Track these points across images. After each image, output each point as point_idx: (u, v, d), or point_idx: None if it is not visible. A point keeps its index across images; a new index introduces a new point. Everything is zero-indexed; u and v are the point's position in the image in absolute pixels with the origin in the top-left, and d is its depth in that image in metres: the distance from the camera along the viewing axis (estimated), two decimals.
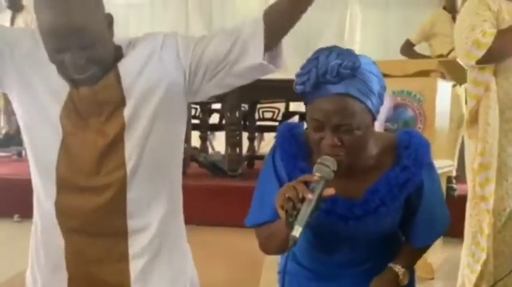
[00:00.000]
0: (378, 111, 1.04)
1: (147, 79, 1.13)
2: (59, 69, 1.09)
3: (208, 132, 4.86)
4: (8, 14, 4.54)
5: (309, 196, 0.92)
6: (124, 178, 1.14)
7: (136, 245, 1.18)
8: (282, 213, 0.95)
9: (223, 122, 4.48)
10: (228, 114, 3.88)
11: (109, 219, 1.16)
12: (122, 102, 1.13)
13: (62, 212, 1.16)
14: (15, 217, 3.56)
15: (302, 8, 1.12)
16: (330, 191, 0.95)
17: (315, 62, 0.98)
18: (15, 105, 1.19)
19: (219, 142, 5.10)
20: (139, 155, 1.14)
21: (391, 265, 1.15)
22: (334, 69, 0.96)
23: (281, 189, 0.99)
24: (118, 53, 1.15)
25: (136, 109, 1.13)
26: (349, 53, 0.99)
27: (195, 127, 4.38)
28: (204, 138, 4.55)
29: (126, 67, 1.14)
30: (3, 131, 4.92)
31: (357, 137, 1.00)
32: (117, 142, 1.13)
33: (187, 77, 1.16)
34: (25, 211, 3.44)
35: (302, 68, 1.01)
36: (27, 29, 1.22)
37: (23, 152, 4.98)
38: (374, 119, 1.04)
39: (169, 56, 1.15)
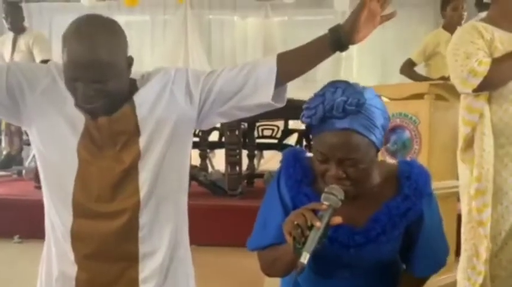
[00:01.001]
0: (381, 144, 1.07)
1: (160, 111, 1.19)
2: (74, 98, 1.15)
3: (208, 150, 4.87)
4: (10, 35, 4.60)
5: (318, 223, 0.95)
6: (137, 204, 1.19)
7: (146, 269, 1.22)
8: (289, 239, 0.98)
9: (223, 140, 4.50)
10: (228, 133, 3.91)
11: (122, 244, 1.20)
12: (137, 133, 1.19)
13: (77, 238, 1.20)
14: (16, 237, 3.55)
15: (316, 63, 1.19)
16: (338, 220, 0.99)
17: (322, 98, 1.03)
18: (33, 138, 1.23)
19: (218, 159, 5.12)
20: (152, 182, 1.19)
21: None
22: (340, 106, 1.00)
23: (289, 216, 1.02)
24: (132, 86, 1.21)
25: (150, 139, 1.19)
26: (354, 89, 1.03)
27: (194, 145, 4.38)
28: (203, 157, 4.57)
29: (141, 99, 1.19)
30: (5, 152, 4.93)
31: (361, 170, 1.03)
32: (132, 169, 1.18)
33: (196, 107, 1.21)
34: (26, 232, 3.47)
35: (309, 102, 1.06)
36: (44, 65, 1.26)
37: (23, 171, 4.99)
38: (378, 151, 1.08)
39: (180, 89, 1.21)
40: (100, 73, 1.09)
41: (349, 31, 1.12)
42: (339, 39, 1.13)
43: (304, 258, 0.94)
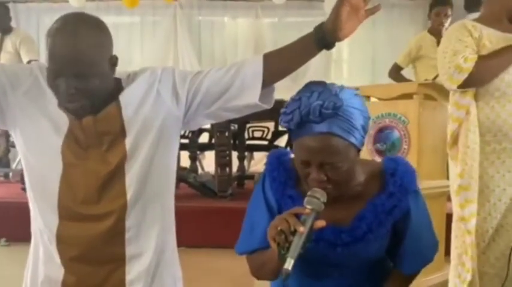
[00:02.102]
0: (362, 144, 1.06)
1: (146, 111, 1.18)
2: (57, 97, 1.13)
3: (198, 152, 4.86)
4: None
5: (301, 229, 0.95)
6: (124, 206, 1.17)
7: (132, 271, 1.21)
8: (274, 245, 0.97)
9: (213, 141, 4.49)
10: (218, 134, 3.90)
11: (108, 246, 1.19)
12: (122, 133, 1.17)
13: (63, 241, 1.19)
14: (2, 240, 3.51)
15: (302, 62, 1.17)
16: (321, 223, 0.98)
17: (298, 103, 1.02)
18: (17, 141, 1.21)
19: (208, 160, 5.10)
20: (138, 184, 1.18)
21: None
22: (317, 110, 0.99)
23: (273, 221, 1.01)
24: (118, 86, 1.19)
25: (136, 140, 1.17)
26: (330, 92, 1.02)
27: (184, 147, 4.38)
28: (193, 158, 4.55)
29: (126, 99, 1.18)
30: None
31: (342, 172, 1.03)
32: (118, 171, 1.17)
33: (182, 108, 1.20)
34: (13, 235, 3.42)
35: (286, 106, 1.05)
36: (26, 65, 1.26)
37: (10, 174, 4.93)
38: (359, 151, 1.07)
39: (166, 89, 1.19)
40: (82, 68, 1.07)
41: (332, 29, 1.10)
42: (323, 37, 1.11)
43: (289, 264, 0.93)
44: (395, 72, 4.01)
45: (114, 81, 1.18)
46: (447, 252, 1.96)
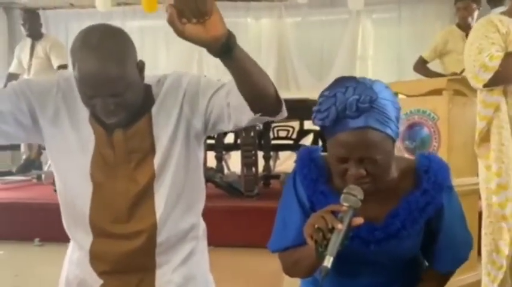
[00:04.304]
0: (397, 135, 1.05)
1: (171, 128, 1.17)
2: (94, 113, 1.12)
3: (224, 152, 4.88)
4: (28, 42, 4.69)
5: (339, 225, 0.94)
6: (154, 225, 1.17)
7: (163, 277, 1.22)
8: (311, 243, 0.97)
9: (238, 141, 4.51)
10: (243, 134, 3.91)
11: (139, 260, 1.20)
12: (152, 151, 1.16)
13: (96, 258, 1.21)
14: (36, 240, 3.61)
15: (250, 85, 1.04)
16: (359, 221, 0.98)
17: (333, 100, 1.00)
18: (51, 158, 1.22)
19: (234, 161, 5.12)
20: (168, 201, 1.18)
21: None
22: (353, 105, 0.98)
23: (309, 219, 1.01)
24: (148, 94, 1.18)
25: (164, 158, 1.17)
26: (364, 86, 1.01)
27: (210, 147, 4.41)
28: (219, 159, 4.58)
29: (157, 114, 1.17)
30: (24, 156, 5.02)
31: (381, 165, 1.02)
32: (147, 191, 1.16)
33: (201, 123, 1.18)
34: (45, 235, 3.51)
35: (320, 104, 1.03)
36: (51, 82, 1.20)
37: (43, 176, 5.07)
38: (394, 142, 1.06)
39: (189, 104, 1.18)
40: (116, 88, 1.06)
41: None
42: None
43: (328, 261, 0.92)
44: (421, 66, 3.95)
45: (144, 88, 1.17)
46: (480, 252, 1.92)
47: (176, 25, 0.88)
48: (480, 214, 1.96)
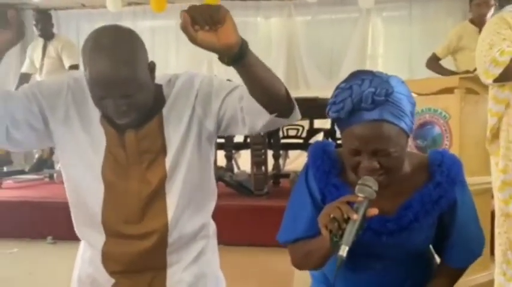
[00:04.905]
0: (411, 130, 1.06)
1: (183, 128, 1.17)
2: (105, 113, 1.12)
3: (233, 151, 4.89)
4: (41, 42, 4.74)
5: (354, 216, 0.95)
6: (166, 225, 1.18)
7: (173, 276, 1.23)
8: (325, 233, 0.97)
9: (248, 140, 4.51)
10: (253, 134, 3.91)
11: (150, 260, 1.21)
12: (163, 152, 1.17)
13: (108, 258, 1.21)
14: (49, 238, 3.65)
15: (262, 90, 1.04)
16: (374, 211, 0.98)
17: (349, 92, 1.01)
18: (62, 160, 1.23)
19: (244, 160, 5.13)
20: (180, 201, 1.18)
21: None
22: (369, 98, 0.99)
23: (324, 209, 1.01)
24: (159, 94, 1.17)
25: (176, 159, 1.17)
26: (381, 79, 1.01)
27: (220, 146, 4.43)
28: (229, 158, 4.59)
29: (168, 115, 1.17)
30: (37, 156, 5.08)
31: (394, 159, 1.02)
32: (159, 191, 1.17)
33: (214, 124, 1.19)
34: (58, 233, 3.55)
35: (335, 96, 1.03)
36: (62, 83, 1.20)
37: (55, 175, 5.12)
38: (408, 137, 1.07)
39: (201, 105, 1.18)
40: (127, 89, 1.06)
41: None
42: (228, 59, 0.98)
43: (343, 251, 0.94)
44: (434, 63, 3.90)
45: (155, 88, 1.17)
46: (492, 251, 1.90)
47: (189, 31, 0.91)
48: (493, 213, 1.94)
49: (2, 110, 1.11)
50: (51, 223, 3.64)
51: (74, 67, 4.52)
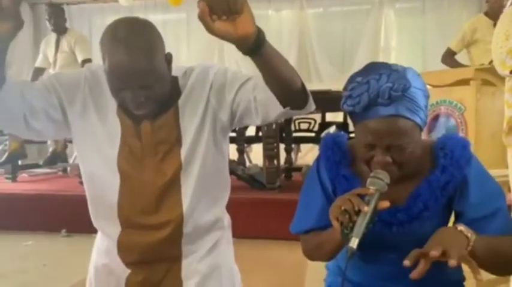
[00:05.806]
0: (425, 124, 1.04)
1: (198, 120, 1.17)
2: (123, 104, 1.13)
3: (245, 145, 4.89)
4: (54, 36, 4.77)
5: (365, 208, 0.95)
6: (181, 215, 1.19)
7: (189, 266, 1.24)
8: (336, 225, 0.98)
9: (260, 134, 4.50)
10: (265, 127, 3.90)
11: (165, 250, 1.22)
12: (178, 143, 1.17)
13: (124, 248, 1.22)
14: (63, 231, 3.70)
15: (278, 80, 1.04)
16: (385, 204, 0.98)
17: (366, 86, 0.99)
18: (78, 151, 1.24)
19: (256, 153, 5.13)
20: (195, 192, 1.19)
21: (460, 227, 1.01)
22: (386, 93, 0.98)
23: (335, 201, 1.01)
24: (175, 85, 1.18)
25: (191, 150, 1.17)
26: (398, 74, 1.00)
27: (231, 140, 4.43)
28: (241, 151, 4.59)
29: (184, 106, 1.18)
30: (51, 149, 5.13)
31: (408, 153, 1.02)
32: (174, 182, 1.17)
33: (228, 116, 1.19)
34: (72, 226, 3.59)
35: (352, 89, 1.02)
36: (79, 75, 1.21)
37: (68, 169, 5.17)
38: (421, 131, 1.06)
39: (216, 97, 1.18)
40: (145, 80, 1.07)
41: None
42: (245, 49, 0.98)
43: (354, 243, 0.94)
44: (450, 58, 3.85)
45: (172, 80, 1.17)
46: None
47: (207, 21, 0.91)
48: (510, 206, 1.91)
49: (19, 99, 1.12)
50: (65, 216, 3.68)
51: (87, 61, 4.54)
